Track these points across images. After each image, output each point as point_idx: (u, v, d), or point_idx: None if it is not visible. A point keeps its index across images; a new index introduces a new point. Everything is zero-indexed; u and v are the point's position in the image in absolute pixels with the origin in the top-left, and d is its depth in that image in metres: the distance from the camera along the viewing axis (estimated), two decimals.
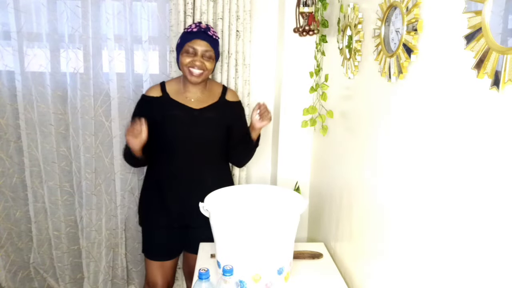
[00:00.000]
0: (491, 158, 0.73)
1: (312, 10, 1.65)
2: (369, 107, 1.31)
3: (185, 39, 1.65)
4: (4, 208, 2.10)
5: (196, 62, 1.63)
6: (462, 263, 0.81)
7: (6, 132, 2.02)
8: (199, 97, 1.75)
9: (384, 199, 1.18)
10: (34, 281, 2.22)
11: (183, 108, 1.72)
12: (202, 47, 1.64)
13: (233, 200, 1.51)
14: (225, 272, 1.18)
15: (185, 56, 1.64)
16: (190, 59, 1.64)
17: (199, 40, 1.64)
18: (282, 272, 1.35)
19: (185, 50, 1.64)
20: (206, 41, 1.65)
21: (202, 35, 1.65)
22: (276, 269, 1.34)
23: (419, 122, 0.98)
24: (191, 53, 1.63)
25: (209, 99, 1.77)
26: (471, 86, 0.77)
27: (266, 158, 2.16)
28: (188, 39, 1.64)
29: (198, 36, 1.64)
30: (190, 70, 1.65)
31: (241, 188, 1.56)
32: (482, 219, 0.75)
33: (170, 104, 1.71)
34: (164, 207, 1.76)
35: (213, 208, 1.38)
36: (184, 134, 1.71)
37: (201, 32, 1.65)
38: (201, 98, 1.75)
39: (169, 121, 1.70)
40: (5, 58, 1.94)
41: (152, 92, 1.74)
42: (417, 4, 0.96)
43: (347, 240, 1.50)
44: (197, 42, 1.63)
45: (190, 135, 1.70)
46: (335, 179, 1.65)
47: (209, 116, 1.74)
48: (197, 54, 1.64)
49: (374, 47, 1.22)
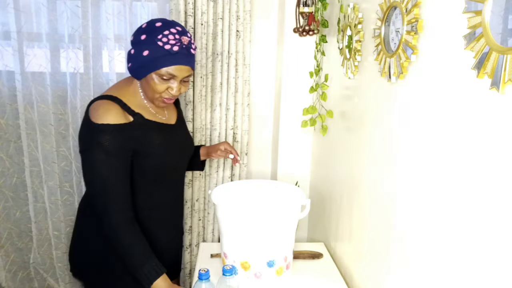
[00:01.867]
0: (491, 158, 0.73)
1: (312, 10, 1.65)
2: (369, 107, 1.31)
3: (161, 60, 1.21)
4: (4, 208, 2.10)
5: (173, 91, 1.26)
6: (462, 263, 0.81)
7: (6, 132, 2.02)
8: (162, 111, 1.41)
9: (384, 199, 1.18)
10: (34, 281, 2.22)
11: (164, 129, 1.37)
12: (184, 73, 1.25)
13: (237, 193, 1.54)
14: (225, 272, 1.17)
15: (157, 82, 1.24)
16: (165, 86, 1.25)
17: (182, 66, 1.24)
18: (273, 265, 1.36)
19: (159, 75, 1.23)
20: (189, 65, 1.26)
21: (185, 59, 1.24)
22: (266, 261, 1.35)
23: (419, 122, 0.98)
24: (166, 79, 1.24)
25: (170, 108, 1.46)
26: (471, 86, 0.77)
27: (266, 158, 2.17)
28: (166, 62, 1.21)
29: (181, 60, 1.23)
30: (161, 99, 1.29)
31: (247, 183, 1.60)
32: (482, 218, 0.75)
33: (149, 128, 1.31)
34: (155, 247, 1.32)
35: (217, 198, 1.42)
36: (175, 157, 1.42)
37: (184, 53, 1.23)
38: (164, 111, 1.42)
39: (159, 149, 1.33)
40: (5, 58, 1.94)
41: (117, 117, 1.22)
42: (417, 4, 0.96)
43: (347, 240, 1.50)
44: (178, 68, 1.23)
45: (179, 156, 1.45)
46: (335, 179, 1.65)
47: (183, 126, 1.52)
48: (175, 80, 1.26)
49: (374, 47, 1.22)
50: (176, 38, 1.22)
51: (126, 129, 1.24)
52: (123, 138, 1.22)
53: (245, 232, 1.34)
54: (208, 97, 1.97)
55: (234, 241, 1.37)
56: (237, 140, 2.05)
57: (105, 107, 1.23)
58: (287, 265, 1.41)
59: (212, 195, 1.41)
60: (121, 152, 1.23)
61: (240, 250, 1.36)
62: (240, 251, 1.37)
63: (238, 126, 2.03)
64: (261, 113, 2.12)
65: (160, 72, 1.23)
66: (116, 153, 1.21)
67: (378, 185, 1.22)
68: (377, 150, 1.23)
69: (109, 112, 1.22)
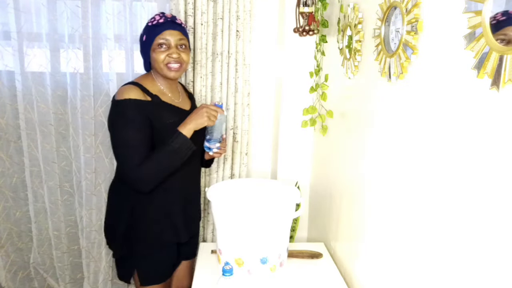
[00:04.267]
0: (491, 158, 0.73)
1: (312, 10, 1.65)
2: (369, 107, 1.31)
3: (153, 33, 1.46)
4: (4, 208, 2.10)
5: (173, 55, 1.46)
6: (462, 262, 0.81)
7: (6, 132, 2.03)
8: (177, 96, 1.60)
9: (384, 198, 1.18)
10: (34, 281, 2.22)
11: (178, 111, 1.54)
12: (175, 36, 1.47)
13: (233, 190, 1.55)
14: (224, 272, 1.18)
15: (158, 52, 1.46)
16: (165, 53, 1.46)
17: (171, 30, 1.46)
18: (266, 262, 1.37)
19: (157, 45, 1.46)
20: (178, 30, 1.49)
21: (172, 25, 1.48)
22: (259, 258, 1.35)
23: (419, 122, 0.98)
24: (164, 47, 1.46)
25: (184, 97, 1.65)
26: (471, 86, 0.77)
27: (266, 158, 2.17)
28: (157, 32, 1.46)
29: (168, 26, 1.47)
30: (168, 66, 1.48)
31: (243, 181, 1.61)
32: (482, 218, 0.75)
33: (165, 108, 1.50)
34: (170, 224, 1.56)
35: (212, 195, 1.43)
36: None
37: (170, 22, 1.48)
38: (179, 97, 1.61)
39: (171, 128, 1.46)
40: (5, 58, 1.95)
41: (138, 95, 1.44)
42: (417, 4, 0.96)
43: (347, 240, 1.50)
44: (168, 32, 1.46)
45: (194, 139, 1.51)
46: (335, 179, 1.65)
47: None
48: (171, 46, 1.47)
49: (374, 47, 1.22)
50: (160, 15, 1.50)
51: (145, 104, 1.44)
52: (141, 110, 1.43)
53: (238, 228, 1.35)
54: (208, 97, 1.97)
55: (228, 237, 1.38)
56: (237, 140, 2.05)
57: (126, 88, 1.46)
58: (281, 263, 1.42)
59: (208, 192, 1.42)
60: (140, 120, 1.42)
61: (234, 246, 1.38)
62: (234, 248, 1.38)
63: (238, 126, 2.03)
64: (261, 113, 2.12)
65: (156, 42, 1.46)
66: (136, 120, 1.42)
67: (378, 185, 1.22)
68: (377, 150, 1.23)
69: (131, 91, 1.44)
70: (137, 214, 1.53)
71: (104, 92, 2.01)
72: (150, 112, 1.45)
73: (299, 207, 1.45)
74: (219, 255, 1.43)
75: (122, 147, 1.43)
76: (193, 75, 1.95)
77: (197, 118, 1.45)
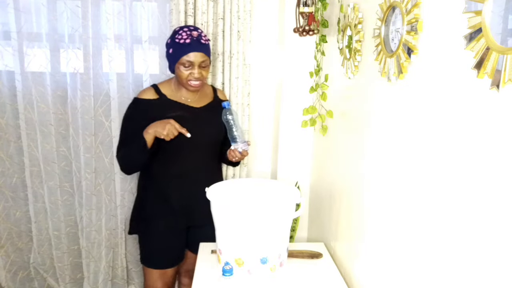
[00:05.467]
0: (491, 158, 0.73)
1: (312, 10, 1.65)
2: (369, 107, 1.31)
3: (179, 51, 1.60)
4: (4, 208, 2.10)
5: (195, 75, 1.62)
6: (462, 262, 0.81)
7: (6, 132, 2.02)
8: (195, 98, 1.75)
9: (384, 198, 1.18)
10: (34, 281, 2.22)
11: (184, 107, 1.71)
12: (199, 58, 1.61)
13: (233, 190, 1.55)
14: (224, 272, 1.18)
15: (182, 70, 1.62)
16: (188, 72, 1.62)
17: (195, 53, 1.60)
18: (266, 262, 1.37)
19: (181, 64, 1.61)
20: (202, 52, 1.62)
21: (197, 47, 1.60)
22: (259, 258, 1.35)
23: (419, 122, 0.98)
24: (188, 66, 1.61)
25: (205, 99, 1.79)
26: (471, 86, 0.77)
27: (266, 158, 2.17)
28: (183, 52, 1.60)
29: (194, 48, 1.60)
30: (189, 83, 1.64)
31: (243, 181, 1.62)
32: (482, 218, 0.75)
33: (170, 104, 1.69)
34: (169, 209, 1.74)
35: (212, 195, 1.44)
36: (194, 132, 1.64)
37: (195, 43, 1.60)
38: (197, 99, 1.76)
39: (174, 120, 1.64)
40: (5, 58, 1.94)
41: (146, 95, 1.70)
42: (417, 4, 0.96)
43: (347, 240, 1.50)
44: (193, 55, 1.60)
45: (196, 133, 1.65)
46: (335, 179, 1.65)
47: (210, 114, 1.73)
48: (194, 66, 1.61)
49: (374, 47, 1.22)
50: (187, 34, 1.62)
51: (151, 103, 1.68)
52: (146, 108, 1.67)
53: (238, 228, 1.35)
54: None
55: (228, 237, 1.38)
56: None
57: (143, 90, 1.77)
58: (281, 263, 1.42)
59: (208, 192, 1.42)
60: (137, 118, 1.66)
61: (234, 246, 1.38)
62: (234, 248, 1.38)
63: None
64: (261, 113, 2.12)
65: (181, 61, 1.61)
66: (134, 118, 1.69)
67: (378, 185, 1.22)
68: (377, 150, 1.23)
69: (143, 92, 1.74)
70: (141, 195, 1.81)
71: (104, 92, 2.01)
72: (154, 109, 1.67)
73: (299, 207, 1.45)
74: (219, 255, 1.43)
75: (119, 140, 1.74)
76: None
77: (158, 128, 1.58)
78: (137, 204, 1.83)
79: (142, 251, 1.84)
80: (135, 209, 1.83)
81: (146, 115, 1.64)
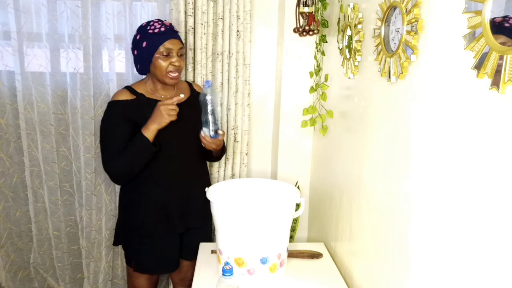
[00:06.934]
0: (491, 158, 0.73)
1: (312, 10, 1.65)
2: (369, 107, 1.31)
3: (155, 41, 1.54)
4: (4, 208, 2.10)
5: (175, 63, 1.56)
6: (461, 261, 0.81)
7: (6, 132, 2.02)
8: (172, 94, 1.66)
9: (384, 198, 1.18)
10: (34, 281, 2.21)
11: None
12: (177, 45, 1.57)
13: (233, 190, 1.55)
14: (224, 272, 1.18)
15: (160, 61, 1.55)
16: (167, 62, 1.55)
17: (173, 40, 1.55)
18: (267, 262, 1.37)
19: (160, 54, 1.54)
20: (178, 39, 1.58)
21: (173, 34, 1.57)
22: (259, 258, 1.35)
23: (419, 122, 0.98)
24: (166, 55, 1.55)
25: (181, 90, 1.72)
26: (471, 86, 0.77)
27: (266, 158, 2.17)
28: (160, 41, 1.53)
29: (171, 35, 1.55)
30: (169, 75, 1.57)
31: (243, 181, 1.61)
32: (481, 217, 0.75)
33: (149, 103, 1.59)
34: (163, 212, 1.67)
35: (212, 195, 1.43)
36: (176, 130, 1.59)
37: (170, 31, 1.56)
38: (174, 95, 1.65)
39: None
40: (5, 58, 1.94)
41: (122, 96, 1.61)
42: (417, 4, 0.96)
43: (347, 240, 1.50)
44: (171, 42, 1.55)
45: (181, 131, 1.61)
46: (335, 179, 1.65)
47: (192, 110, 1.64)
48: (173, 55, 1.56)
49: (374, 47, 1.22)
50: (159, 23, 1.57)
51: (127, 104, 1.59)
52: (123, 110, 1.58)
53: (238, 228, 1.35)
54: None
55: (228, 237, 1.38)
56: (237, 140, 2.05)
57: (117, 92, 1.66)
58: (281, 263, 1.42)
59: (208, 192, 1.42)
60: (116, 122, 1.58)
61: (234, 246, 1.38)
62: (234, 248, 1.38)
63: (238, 126, 2.03)
64: (261, 113, 2.12)
65: (159, 51, 1.54)
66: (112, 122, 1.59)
67: (378, 185, 1.22)
68: (377, 150, 1.23)
69: (117, 94, 1.63)
70: (130, 204, 1.70)
71: (104, 92, 2.01)
72: (133, 109, 1.59)
73: (299, 207, 1.46)
74: (219, 255, 1.43)
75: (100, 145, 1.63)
76: (193, 75, 1.95)
77: (157, 118, 1.52)
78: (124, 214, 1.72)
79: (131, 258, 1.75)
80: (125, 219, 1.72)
81: (127, 117, 1.58)
